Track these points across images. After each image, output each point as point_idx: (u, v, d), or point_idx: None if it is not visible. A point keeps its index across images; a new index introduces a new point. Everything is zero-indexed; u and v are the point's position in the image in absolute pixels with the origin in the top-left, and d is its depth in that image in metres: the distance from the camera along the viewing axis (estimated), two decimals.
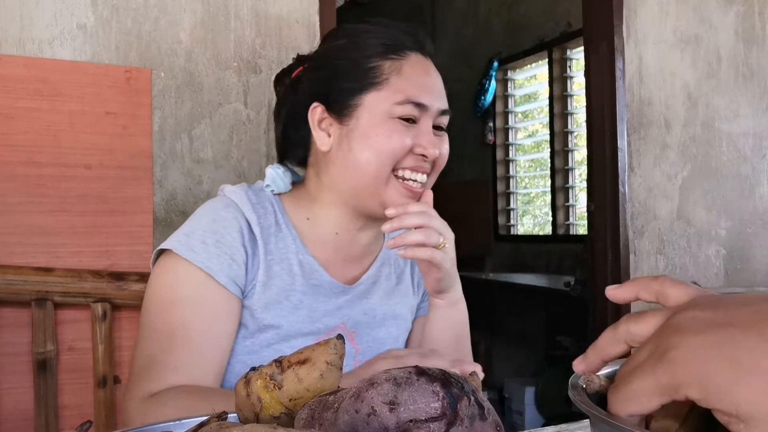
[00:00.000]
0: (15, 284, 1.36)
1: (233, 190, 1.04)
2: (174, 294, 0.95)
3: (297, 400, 0.45)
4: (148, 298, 0.98)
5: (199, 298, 0.94)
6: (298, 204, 1.05)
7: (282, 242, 1.01)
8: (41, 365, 1.40)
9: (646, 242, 2.45)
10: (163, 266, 0.98)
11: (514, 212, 4.71)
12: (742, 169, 2.65)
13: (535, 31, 4.34)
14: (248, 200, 1.01)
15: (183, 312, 0.93)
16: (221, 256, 0.95)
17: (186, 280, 0.94)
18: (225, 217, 0.98)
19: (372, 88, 0.97)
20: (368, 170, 0.97)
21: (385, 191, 0.98)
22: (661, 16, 2.50)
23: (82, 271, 1.44)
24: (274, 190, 1.06)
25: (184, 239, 0.96)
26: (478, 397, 0.39)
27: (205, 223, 0.98)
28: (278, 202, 1.05)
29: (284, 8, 1.77)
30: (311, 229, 1.04)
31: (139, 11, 1.61)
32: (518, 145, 4.73)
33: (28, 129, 1.48)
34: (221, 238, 0.96)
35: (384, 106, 0.96)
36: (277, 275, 0.98)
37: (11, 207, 1.46)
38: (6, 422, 1.42)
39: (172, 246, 0.96)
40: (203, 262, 0.94)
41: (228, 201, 1.01)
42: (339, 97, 0.99)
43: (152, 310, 0.96)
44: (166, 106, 1.63)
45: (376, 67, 0.98)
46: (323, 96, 1.00)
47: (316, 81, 1.03)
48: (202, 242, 0.95)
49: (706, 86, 2.59)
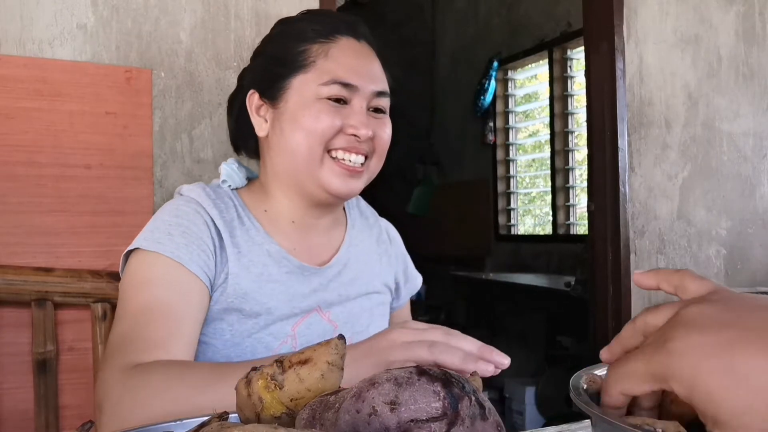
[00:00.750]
0: (15, 284, 1.36)
1: (190, 189, 1.04)
2: (145, 276, 0.93)
3: (298, 400, 0.45)
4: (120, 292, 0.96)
5: (171, 279, 0.93)
6: (255, 197, 1.07)
7: (246, 234, 1.01)
8: (41, 365, 1.39)
9: (647, 242, 2.45)
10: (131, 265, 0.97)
11: (515, 212, 4.71)
12: (742, 169, 2.65)
13: (535, 31, 4.34)
14: (207, 196, 1.01)
15: (157, 291, 0.92)
16: (189, 246, 0.94)
17: (156, 263, 0.93)
18: (187, 211, 0.99)
19: (299, 71, 1.00)
20: (300, 151, 0.98)
21: (321, 172, 0.99)
22: (661, 16, 2.50)
23: (82, 271, 1.44)
24: (231, 185, 1.07)
25: (149, 235, 0.96)
26: (479, 397, 0.39)
27: (168, 218, 0.98)
28: (237, 196, 1.05)
29: (284, 8, 1.77)
30: (270, 220, 1.05)
31: (139, 11, 1.61)
32: (519, 145, 4.73)
33: (28, 129, 1.48)
34: (187, 230, 0.96)
35: (311, 87, 0.98)
36: (246, 267, 0.99)
37: (11, 207, 1.46)
38: (6, 422, 1.42)
39: (139, 244, 0.95)
40: (172, 251, 0.93)
41: (188, 198, 1.02)
42: (270, 82, 1.02)
43: (125, 296, 0.94)
44: (167, 106, 1.63)
45: (303, 51, 1.00)
46: (257, 83, 1.04)
47: (251, 70, 1.07)
48: (168, 234, 0.95)
49: (707, 86, 2.59)
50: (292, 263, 1.02)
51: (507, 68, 4.68)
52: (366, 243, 1.15)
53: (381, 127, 1.02)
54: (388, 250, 1.20)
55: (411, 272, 1.25)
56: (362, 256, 1.13)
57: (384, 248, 1.19)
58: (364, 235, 1.15)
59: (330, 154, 0.99)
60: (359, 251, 1.12)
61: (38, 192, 1.49)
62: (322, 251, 1.08)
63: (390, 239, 1.22)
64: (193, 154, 1.66)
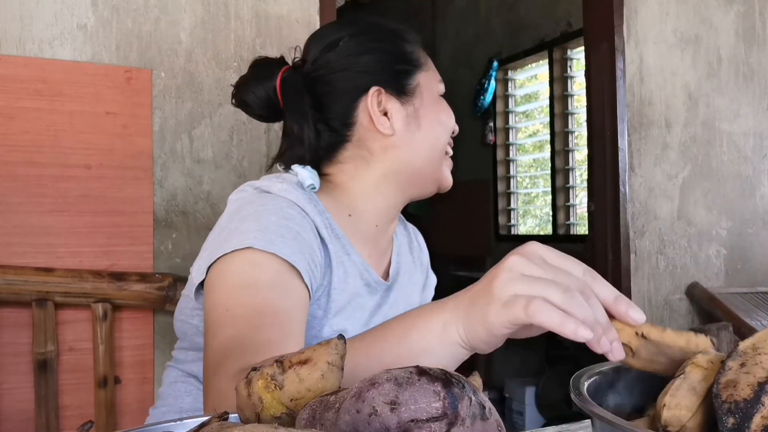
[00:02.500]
0: (16, 284, 1.36)
1: (285, 189, 0.93)
2: (255, 278, 0.82)
3: (298, 400, 0.45)
4: (218, 291, 0.84)
5: (283, 283, 0.83)
6: (335, 201, 1.00)
7: (338, 244, 0.96)
8: (42, 365, 1.39)
9: (647, 242, 2.45)
10: (235, 262, 0.84)
11: (515, 212, 4.71)
12: (742, 169, 2.65)
13: (535, 31, 4.34)
14: (308, 201, 0.94)
15: (268, 294, 0.82)
16: (303, 252, 0.86)
17: (269, 267, 0.83)
18: (294, 215, 0.90)
19: (420, 69, 1.01)
20: (437, 146, 1.01)
21: (442, 167, 1.03)
22: (661, 16, 2.50)
23: (82, 272, 1.44)
24: (315, 188, 0.98)
25: (260, 234, 0.85)
26: (479, 396, 0.39)
27: (275, 220, 0.88)
28: (319, 201, 0.97)
29: (284, 8, 1.77)
30: (353, 226, 1.00)
31: (139, 11, 1.61)
32: (519, 145, 4.73)
33: (29, 129, 1.48)
34: (297, 235, 0.87)
35: (433, 84, 1.02)
36: (343, 280, 0.95)
37: (11, 207, 1.46)
38: (7, 422, 1.42)
39: (250, 243, 0.83)
40: (288, 255, 0.84)
41: (287, 201, 0.92)
42: (399, 79, 1.00)
43: (228, 299, 0.82)
44: (167, 106, 1.63)
45: (413, 51, 1.02)
46: (380, 80, 0.98)
47: (365, 65, 0.99)
48: (281, 236, 0.85)
49: (707, 86, 2.59)
50: (371, 276, 1.00)
51: (507, 68, 4.68)
52: (405, 250, 1.14)
53: None
54: (420, 257, 1.18)
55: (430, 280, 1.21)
56: (405, 264, 1.11)
57: (416, 255, 1.17)
58: (403, 241, 1.14)
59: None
60: (402, 260, 1.11)
61: (38, 192, 1.49)
62: (383, 260, 1.06)
63: (420, 246, 1.20)
64: (193, 154, 1.66)
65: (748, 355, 0.47)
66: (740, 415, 0.43)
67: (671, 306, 2.50)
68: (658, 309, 2.45)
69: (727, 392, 0.44)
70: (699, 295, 2.50)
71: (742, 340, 0.50)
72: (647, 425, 0.52)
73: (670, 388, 0.49)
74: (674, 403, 0.47)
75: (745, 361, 0.47)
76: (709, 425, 0.46)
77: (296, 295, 0.84)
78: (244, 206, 0.92)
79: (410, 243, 1.18)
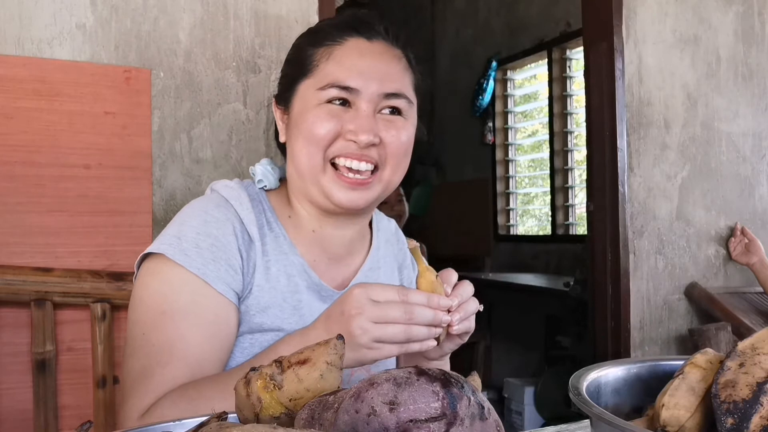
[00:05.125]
0: (14, 284, 1.36)
1: (229, 186, 0.99)
2: (169, 305, 0.88)
3: (297, 400, 0.45)
4: (139, 308, 0.91)
5: (197, 308, 0.89)
6: (282, 201, 1.02)
7: (275, 242, 0.97)
8: (40, 365, 1.39)
9: (646, 242, 2.45)
10: (152, 271, 0.91)
11: (514, 212, 4.71)
12: (741, 169, 2.65)
13: (534, 31, 4.34)
14: (248, 197, 0.97)
15: (180, 324, 0.88)
16: (217, 262, 0.90)
17: (182, 289, 0.89)
18: (218, 217, 0.93)
19: (304, 77, 0.97)
20: (302, 158, 0.95)
21: (323, 181, 0.95)
22: (660, 17, 2.50)
23: (81, 271, 1.44)
24: (267, 186, 1.02)
25: (175, 242, 0.90)
26: (478, 397, 0.39)
27: (196, 224, 0.92)
28: (266, 199, 1.01)
29: (283, 8, 1.77)
30: (294, 228, 1.01)
31: (138, 11, 1.61)
32: (518, 145, 4.73)
33: (27, 129, 1.48)
34: (216, 242, 0.91)
35: (311, 92, 0.95)
36: (274, 278, 0.95)
37: (10, 207, 1.46)
38: (5, 422, 1.42)
39: (163, 250, 0.90)
40: (199, 268, 0.89)
41: (219, 200, 0.97)
42: (282, 89, 1.02)
43: (145, 322, 0.89)
44: (165, 106, 1.63)
45: (310, 55, 0.98)
46: (277, 87, 1.05)
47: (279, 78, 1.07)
48: (196, 246, 0.90)
49: (706, 86, 2.59)
50: (311, 279, 0.98)
51: (506, 68, 4.68)
52: (387, 269, 1.10)
53: (392, 131, 0.95)
54: (410, 276, 1.15)
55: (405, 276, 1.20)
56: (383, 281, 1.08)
57: (406, 274, 1.14)
58: (387, 261, 1.11)
59: (333, 163, 0.94)
60: (380, 275, 1.08)
61: (37, 192, 1.48)
62: (342, 269, 1.04)
63: (414, 266, 1.15)
64: (192, 154, 1.66)
65: (746, 356, 0.47)
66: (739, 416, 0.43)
67: (670, 306, 2.50)
68: (657, 309, 2.45)
69: (725, 392, 0.44)
70: (698, 296, 2.50)
71: (740, 340, 0.50)
72: (646, 425, 0.52)
73: (669, 388, 0.49)
74: (673, 402, 0.47)
75: (744, 361, 0.47)
76: (707, 425, 0.46)
77: (210, 315, 0.89)
78: (185, 206, 0.98)
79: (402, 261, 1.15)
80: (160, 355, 0.87)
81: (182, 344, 0.87)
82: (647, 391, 0.57)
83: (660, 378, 0.55)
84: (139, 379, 0.87)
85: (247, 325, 0.94)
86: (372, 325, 0.78)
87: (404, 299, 0.79)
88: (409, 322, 0.78)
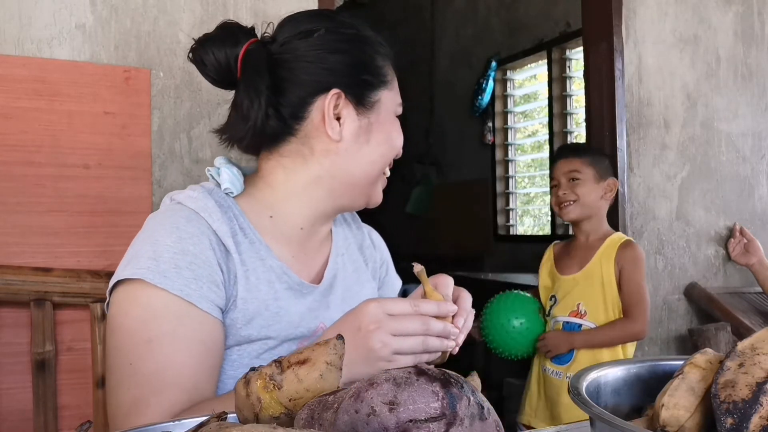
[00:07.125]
0: (14, 284, 1.36)
1: (193, 197, 0.95)
2: (155, 331, 0.84)
3: (297, 401, 0.45)
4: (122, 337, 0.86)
5: (183, 331, 0.85)
6: (257, 202, 0.99)
7: (251, 248, 0.95)
8: (40, 365, 1.39)
9: (646, 242, 2.45)
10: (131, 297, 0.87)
11: (514, 212, 4.71)
12: (741, 169, 2.65)
13: (534, 31, 4.34)
14: (216, 205, 0.94)
15: (169, 350, 0.84)
16: (199, 280, 0.87)
17: (165, 314, 0.85)
18: (192, 232, 0.90)
19: (385, 86, 1.01)
20: (379, 164, 1.00)
21: (376, 185, 1.02)
22: (660, 17, 2.50)
23: (80, 271, 1.44)
24: (233, 193, 0.98)
25: (152, 265, 0.86)
26: (478, 397, 0.39)
27: (171, 242, 0.88)
28: (235, 203, 0.98)
29: (283, 8, 1.76)
30: (274, 228, 0.99)
31: (138, 11, 1.61)
32: (517, 145, 4.73)
33: (27, 129, 1.48)
34: (194, 259, 0.88)
35: (392, 105, 1.01)
36: (254, 287, 0.93)
37: (10, 207, 1.46)
38: (5, 422, 1.42)
39: (141, 275, 0.85)
40: (181, 289, 0.85)
41: (189, 213, 0.92)
42: (362, 89, 0.98)
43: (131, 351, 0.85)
44: (165, 106, 1.63)
45: (383, 66, 1.01)
46: (343, 83, 0.96)
47: (331, 67, 0.96)
48: (175, 266, 0.86)
49: (705, 86, 2.59)
50: (291, 279, 0.98)
51: (506, 68, 4.68)
52: (351, 250, 1.13)
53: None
54: (373, 255, 1.18)
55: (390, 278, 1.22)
56: (349, 264, 1.10)
57: (369, 253, 1.17)
58: (348, 243, 1.13)
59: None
60: (346, 260, 1.10)
61: (37, 192, 1.48)
62: (315, 261, 1.05)
63: (374, 245, 1.19)
64: (192, 154, 1.66)
65: (746, 356, 0.47)
66: (739, 416, 0.43)
67: (670, 306, 2.50)
68: (656, 309, 2.45)
69: (725, 392, 0.44)
70: (697, 296, 2.50)
71: (740, 340, 0.51)
72: (645, 425, 0.52)
73: (668, 388, 0.49)
74: (673, 403, 0.47)
75: (744, 361, 0.47)
76: (707, 425, 0.46)
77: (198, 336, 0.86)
78: (149, 221, 0.95)
79: (361, 242, 1.17)
80: (152, 383, 0.83)
81: (174, 370, 0.84)
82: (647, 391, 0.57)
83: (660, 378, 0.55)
84: (133, 410, 0.83)
85: (234, 338, 0.92)
86: (392, 339, 0.79)
87: (417, 311, 0.82)
88: (425, 333, 0.81)
